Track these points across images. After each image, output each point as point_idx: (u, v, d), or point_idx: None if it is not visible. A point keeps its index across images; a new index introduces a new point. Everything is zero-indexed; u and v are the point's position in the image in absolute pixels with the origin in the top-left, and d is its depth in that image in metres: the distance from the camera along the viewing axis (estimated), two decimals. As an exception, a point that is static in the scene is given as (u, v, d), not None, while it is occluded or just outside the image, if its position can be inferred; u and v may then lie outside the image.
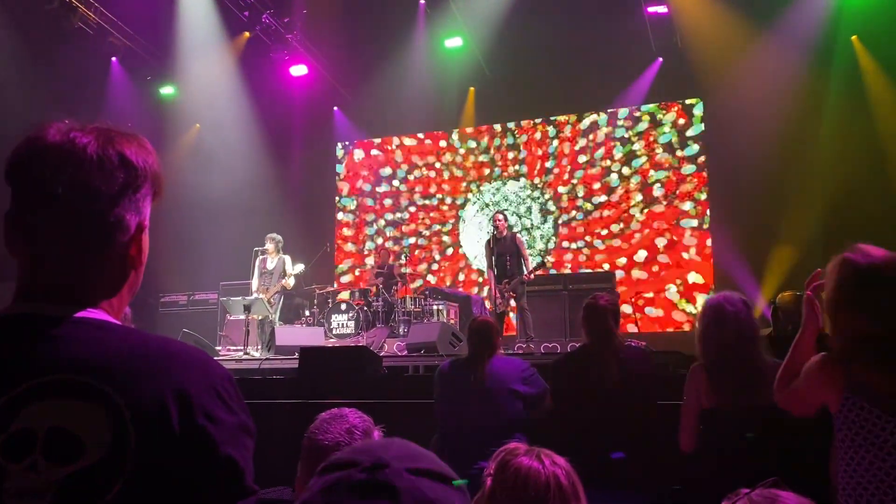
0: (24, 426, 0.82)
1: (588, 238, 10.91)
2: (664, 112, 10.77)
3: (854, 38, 9.38)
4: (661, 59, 10.47)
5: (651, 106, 10.81)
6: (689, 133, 10.60)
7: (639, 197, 10.70)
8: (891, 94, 9.06)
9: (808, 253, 8.55)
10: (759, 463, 2.55)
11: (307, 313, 9.43)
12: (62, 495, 0.80)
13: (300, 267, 8.61)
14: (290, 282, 8.55)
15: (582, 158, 11.11)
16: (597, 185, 10.96)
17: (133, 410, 0.85)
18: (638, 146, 10.83)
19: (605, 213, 10.86)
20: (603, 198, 10.90)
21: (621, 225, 10.74)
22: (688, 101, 10.65)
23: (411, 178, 12.22)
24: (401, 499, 0.69)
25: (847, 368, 1.99)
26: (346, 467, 0.73)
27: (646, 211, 10.63)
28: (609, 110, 11.06)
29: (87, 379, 0.86)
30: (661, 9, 9.76)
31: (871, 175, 8.83)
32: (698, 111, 10.59)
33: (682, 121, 10.66)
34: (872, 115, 9.11)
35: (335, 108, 12.34)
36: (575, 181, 11.11)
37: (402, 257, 10.42)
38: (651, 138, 10.79)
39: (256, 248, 8.62)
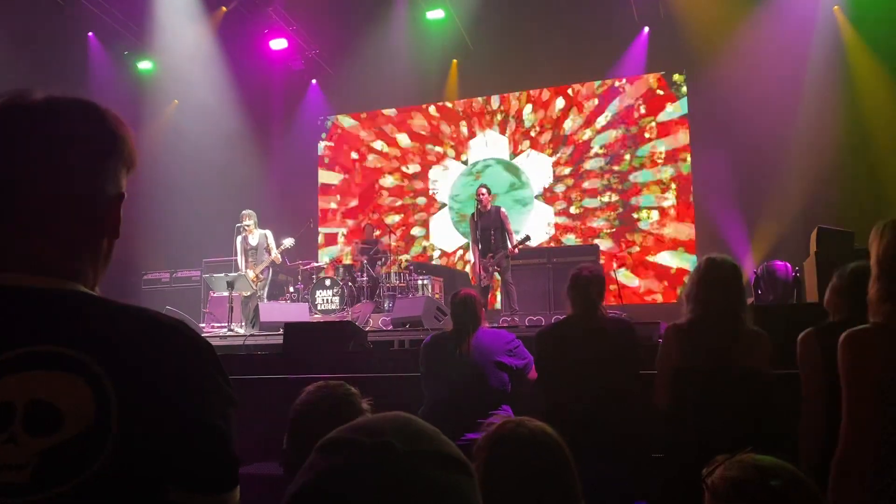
0: (2, 399, 0.81)
1: (573, 211, 10.94)
2: (648, 83, 10.75)
3: (836, 8, 9.38)
4: (646, 30, 10.41)
5: (636, 76, 10.78)
6: (674, 104, 10.59)
7: (623, 167, 10.72)
8: (872, 65, 9.09)
9: (791, 226, 8.62)
10: (733, 426, 2.59)
11: (291, 289, 9.40)
12: (43, 467, 0.79)
13: (290, 241, 8.55)
14: (279, 256, 8.52)
15: (566, 129, 11.10)
16: (569, 152, 10.97)
17: (115, 381, 0.83)
18: (620, 117, 10.82)
19: (587, 184, 10.87)
20: (588, 168, 10.91)
21: (607, 199, 10.77)
22: (671, 73, 10.62)
23: (395, 152, 12.15)
24: (405, 484, 0.65)
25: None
26: (346, 448, 0.69)
27: (630, 183, 10.66)
28: (592, 81, 11.02)
29: (66, 350, 0.84)
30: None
31: (853, 148, 8.88)
32: (682, 83, 10.57)
33: (665, 92, 10.65)
34: (854, 87, 9.14)
35: (313, 80, 12.19)
36: (560, 153, 11.11)
37: (388, 234, 10.38)
38: (636, 109, 10.77)
39: (238, 225, 8.56)
